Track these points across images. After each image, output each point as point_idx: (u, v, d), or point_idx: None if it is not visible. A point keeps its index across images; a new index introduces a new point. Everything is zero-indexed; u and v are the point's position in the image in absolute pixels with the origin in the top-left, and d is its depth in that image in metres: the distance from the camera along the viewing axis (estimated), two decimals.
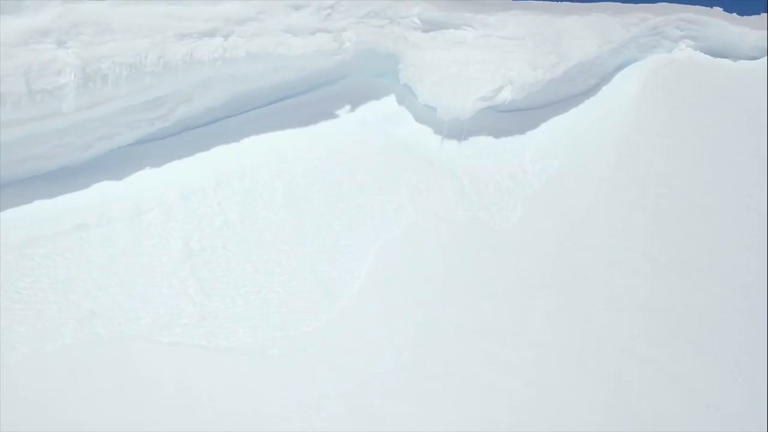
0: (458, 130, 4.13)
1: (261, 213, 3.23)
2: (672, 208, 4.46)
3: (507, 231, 3.89)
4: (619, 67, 5.36)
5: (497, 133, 4.42)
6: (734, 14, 6.35)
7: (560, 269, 3.80)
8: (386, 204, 3.59)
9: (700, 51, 5.60)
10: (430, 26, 3.88)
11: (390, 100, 3.99)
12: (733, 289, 3.88)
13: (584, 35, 4.39)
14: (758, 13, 6.83)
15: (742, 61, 5.59)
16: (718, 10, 5.83)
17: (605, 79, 5.26)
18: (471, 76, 3.90)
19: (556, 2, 4.79)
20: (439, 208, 3.75)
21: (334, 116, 3.77)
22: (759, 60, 5.63)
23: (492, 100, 4.00)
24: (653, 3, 6.24)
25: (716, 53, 5.65)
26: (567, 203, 4.25)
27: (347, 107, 3.84)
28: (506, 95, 4.04)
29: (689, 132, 5.09)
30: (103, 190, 3.10)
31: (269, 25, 3.06)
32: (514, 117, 4.63)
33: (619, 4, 6.13)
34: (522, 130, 4.61)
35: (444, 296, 3.40)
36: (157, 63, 2.77)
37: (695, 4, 6.21)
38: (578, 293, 3.68)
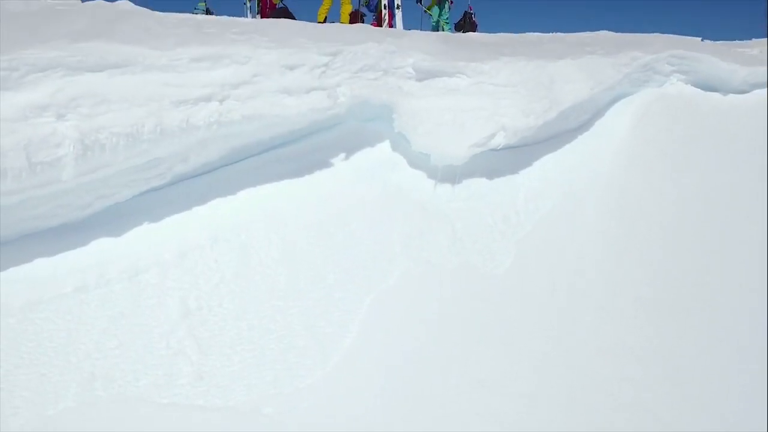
0: (452, 174, 4.20)
1: (256, 269, 3.29)
2: (662, 249, 4.54)
3: (498, 277, 3.96)
4: (612, 102, 5.43)
5: (490, 174, 4.49)
6: (723, 42, 6.48)
7: (550, 316, 3.89)
8: (380, 254, 3.66)
9: (691, 84, 5.69)
10: (424, 75, 3.94)
11: (384, 146, 4.05)
12: (725, 336, 3.93)
13: (576, 78, 4.46)
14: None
15: (731, 95, 5.68)
16: (708, 43, 5.93)
17: (598, 113, 5.33)
18: (464, 124, 3.97)
19: (549, 46, 4.85)
20: (431, 256, 3.82)
21: (329, 165, 3.83)
22: (748, 94, 5.72)
23: (485, 145, 4.07)
24: (647, 33, 6.38)
25: (706, 87, 5.73)
26: (558, 247, 4.33)
27: (342, 155, 3.90)
28: (499, 140, 4.11)
29: (680, 168, 5.16)
30: (101, 247, 3.16)
31: (264, 87, 3.11)
32: (508, 155, 4.69)
33: (613, 34, 6.26)
34: (515, 169, 4.68)
35: (434, 347, 3.48)
36: (154, 131, 2.82)
37: (690, 31, 6.32)
38: (567, 341, 3.77)
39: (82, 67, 2.70)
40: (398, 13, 7.18)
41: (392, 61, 3.78)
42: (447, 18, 8.88)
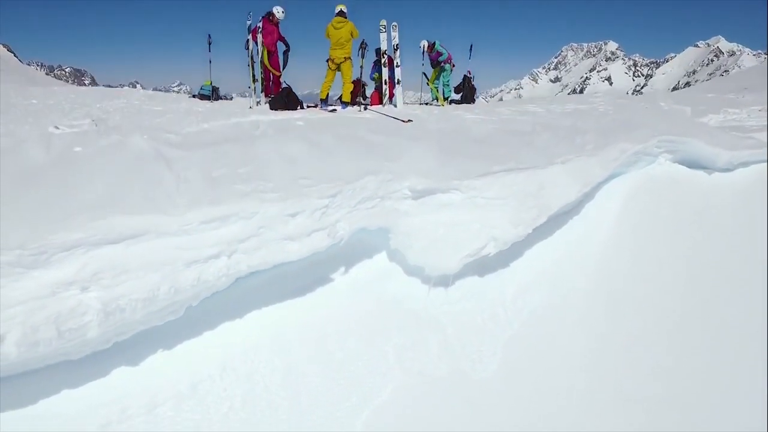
0: (445, 278, 4.46)
1: (261, 395, 3.59)
2: (645, 338, 4.78)
3: (486, 381, 4.25)
4: (602, 184, 5.64)
5: (482, 271, 4.73)
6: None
7: (534, 415, 4.18)
8: (375, 368, 3.95)
9: (678, 163, 5.88)
10: (419, 194, 4.17)
11: (381, 257, 4.30)
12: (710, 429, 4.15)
13: (565, 182, 4.67)
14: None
15: (716, 173, 5.87)
16: (696, 124, 6.10)
17: (588, 196, 5.55)
18: (457, 238, 4.21)
19: (542, 138, 5.03)
20: (423, 367, 4.11)
21: (330, 280, 4.09)
22: (733, 172, 5.91)
23: (476, 255, 4.32)
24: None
25: (693, 164, 5.94)
26: (544, 343, 4.60)
27: (341, 269, 4.15)
28: (489, 250, 4.35)
29: (667, 254, 5.37)
30: (120, 378, 3.45)
31: (269, 237, 3.36)
32: None
33: (608, 107, 6.42)
34: (506, 261, 4.92)
35: None
36: (169, 291, 3.09)
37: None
38: None
39: (102, 242, 2.95)
40: (398, 88, 7.29)
41: (389, 188, 4.01)
42: (448, 81, 9.01)
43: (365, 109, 7.51)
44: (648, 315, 4.99)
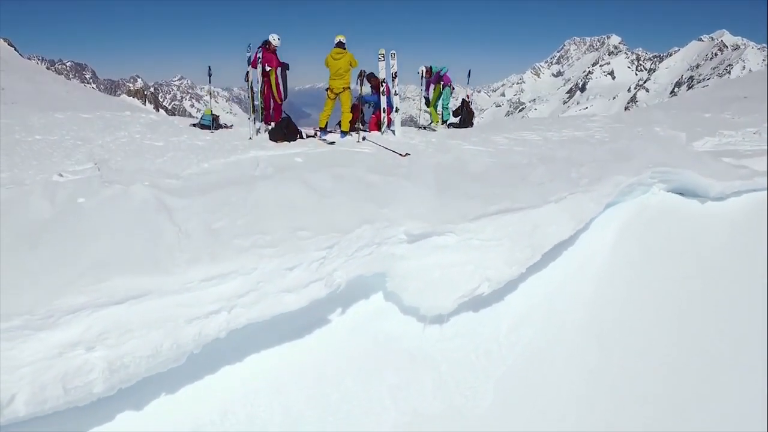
0: (440, 317, 4.56)
1: None
2: (636, 374, 4.87)
3: (479, 417, 4.37)
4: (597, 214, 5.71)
5: (476, 306, 4.84)
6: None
7: None
8: (371, 409, 4.07)
9: (672, 192, 5.95)
10: (415, 238, 4.27)
11: (377, 297, 4.41)
12: None
13: (559, 220, 4.76)
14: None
15: (710, 202, 5.94)
16: (690, 152, 6.16)
17: (583, 228, 5.63)
18: (452, 279, 4.31)
19: (538, 172, 5.09)
20: (418, 404, 4.22)
21: (327, 322, 4.21)
22: (725, 201, 5.97)
23: (470, 295, 4.42)
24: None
25: (687, 192, 6.01)
26: (537, 377, 4.71)
27: (338, 310, 4.27)
28: (483, 289, 4.46)
29: (660, 287, 5.43)
30: (125, 423, 3.59)
31: (267, 290, 3.47)
32: None
33: (604, 135, 6.49)
34: (500, 296, 5.01)
35: None
36: (171, 347, 3.22)
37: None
38: None
39: (106, 303, 3.07)
40: (396, 116, 7.34)
41: (385, 234, 4.10)
42: (447, 104, 9.09)
43: (363, 139, 7.62)
44: (641, 346, 5.07)
